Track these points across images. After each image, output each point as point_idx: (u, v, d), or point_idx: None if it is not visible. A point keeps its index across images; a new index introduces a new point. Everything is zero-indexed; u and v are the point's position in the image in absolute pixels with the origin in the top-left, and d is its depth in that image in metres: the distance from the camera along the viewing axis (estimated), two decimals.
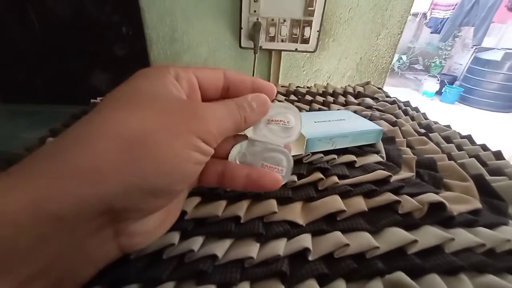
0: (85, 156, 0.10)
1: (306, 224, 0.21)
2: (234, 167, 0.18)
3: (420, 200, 0.23)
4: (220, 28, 0.70)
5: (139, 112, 0.12)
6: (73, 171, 0.10)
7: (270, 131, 0.18)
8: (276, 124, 0.18)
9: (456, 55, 3.86)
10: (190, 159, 0.13)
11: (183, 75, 0.15)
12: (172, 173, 0.12)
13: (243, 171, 0.17)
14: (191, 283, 0.17)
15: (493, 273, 0.18)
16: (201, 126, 0.13)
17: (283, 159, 0.18)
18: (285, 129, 0.18)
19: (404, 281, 0.17)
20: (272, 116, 0.18)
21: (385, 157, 0.31)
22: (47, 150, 0.11)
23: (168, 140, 0.12)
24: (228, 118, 0.15)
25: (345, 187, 0.25)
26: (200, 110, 0.14)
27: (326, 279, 0.17)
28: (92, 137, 0.11)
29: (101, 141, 0.11)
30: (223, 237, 0.20)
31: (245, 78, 0.17)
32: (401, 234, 0.20)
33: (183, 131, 0.13)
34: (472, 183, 0.27)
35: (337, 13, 0.68)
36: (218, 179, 0.18)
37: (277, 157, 0.18)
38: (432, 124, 0.44)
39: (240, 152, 0.18)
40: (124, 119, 0.12)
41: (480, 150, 0.35)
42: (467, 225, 0.22)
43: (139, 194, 0.12)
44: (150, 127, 0.12)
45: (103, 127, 0.11)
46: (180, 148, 0.12)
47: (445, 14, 3.41)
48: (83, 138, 0.11)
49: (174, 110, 0.13)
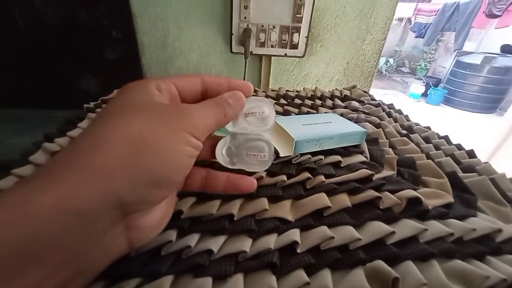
0: (99, 158, 0.12)
1: (295, 220, 0.23)
2: (216, 172, 0.21)
3: (399, 196, 0.25)
4: (212, 34, 0.72)
5: (137, 118, 0.14)
6: (91, 173, 0.12)
7: (249, 123, 0.20)
8: (253, 116, 0.20)
9: (440, 59, 4.02)
10: (185, 152, 0.15)
11: (163, 86, 0.17)
12: (170, 165, 0.14)
13: (223, 175, 0.21)
14: (189, 276, 0.19)
15: (461, 259, 0.20)
16: (190, 123, 0.15)
17: (265, 146, 0.20)
18: (261, 120, 0.20)
19: (382, 268, 0.19)
20: (248, 109, 0.20)
21: (369, 157, 0.33)
22: (65, 155, 0.13)
23: (164, 137, 0.14)
24: (210, 115, 0.17)
25: (331, 185, 0.27)
26: (187, 110, 0.16)
27: (313, 269, 0.19)
28: (103, 142, 0.13)
29: (110, 145, 0.13)
30: (218, 234, 0.21)
31: (221, 81, 0.19)
32: (381, 226, 0.22)
33: (176, 129, 0.15)
34: (446, 180, 0.29)
35: (324, 20, 0.71)
36: (201, 184, 0.21)
37: (259, 145, 0.20)
38: (414, 125, 0.47)
39: (225, 146, 0.21)
40: (126, 124, 0.14)
41: (455, 150, 0.38)
42: (439, 217, 0.24)
43: (144, 186, 0.13)
44: (147, 129, 0.14)
45: (109, 133, 0.13)
46: (175, 143, 0.15)
47: (428, 19, 3.55)
48: (95, 144, 0.13)
49: (165, 113, 0.15)
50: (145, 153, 0.13)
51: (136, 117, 0.14)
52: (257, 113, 0.20)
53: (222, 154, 0.20)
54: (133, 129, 0.13)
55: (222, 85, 0.19)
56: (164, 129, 0.14)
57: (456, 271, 0.18)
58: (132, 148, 0.13)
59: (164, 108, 0.15)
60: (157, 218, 0.17)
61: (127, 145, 0.13)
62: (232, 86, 0.19)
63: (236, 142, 0.21)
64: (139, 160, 0.13)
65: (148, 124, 0.14)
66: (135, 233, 0.15)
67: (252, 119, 0.20)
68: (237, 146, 0.20)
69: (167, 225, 0.21)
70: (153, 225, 0.16)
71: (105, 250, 0.14)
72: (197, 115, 0.16)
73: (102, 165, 0.12)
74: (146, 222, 0.16)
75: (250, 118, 0.20)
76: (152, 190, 0.14)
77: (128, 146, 0.13)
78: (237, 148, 0.20)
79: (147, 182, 0.13)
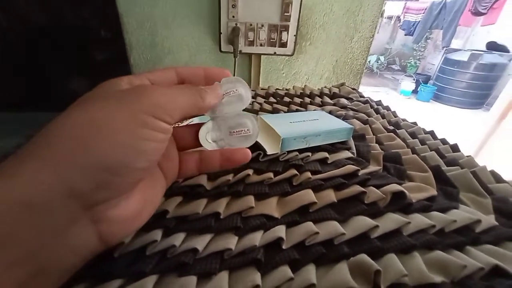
0: (48, 148, 0.12)
1: (281, 216, 0.23)
2: (208, 152, 0.20)
3: (384, 191, 0.26)
4: (200, 33, 0.71)
5: (94, 105, 0.14)
6: (40, 162, 0.11)
7: (227, 104, 0.20)
8: (228, 96, 0.20)
9: (429, 56, 4.09)
10: (143, 135, 0.14)
11: (136, 81, 0.17)
12: (126, 150, 0.13)
13: (216, 153, 0.20)
14: (174, 275, 0.18)
15: (442, 249, 0.20)
16: (150, 103, 0.14)
17: (247, 121, 0.21)
18: (238, 98, 0.20)
19: (365, 262, 0.19)
20: (224, 91, 0.20)
21: (356, 153, 0.34)
22: (23, 150, 0.12)
23: (120, 120, 0.13)
24: (181, 96, 0.16)
25: (317, 182, 0.27)
26: (147, 90, 0.15)
27: (298, 264, 0.19)
28: (54, 131, 0.12)
29: (59, 132, 0.12)
30: (204, 232, 0.21)
31: (196, 70, 0.19)
32: (365, 221, 0.22)
33: (133, 111, 0.14)
34: (430, 174, 0.30)
35: (313, 18, 0.71)
36: (197, 167, 0.20)
37: (241, 121, 0.21)
38: (401, 121, 0.48)
39: (208, 132, 0.21)
40: (80, 111, 0.13)
41: (440, 144, 0.39)
42: (423, 210, 0.25)
43: (96, 172, 0.13)
44: (102, 114, 0.13)
45: (62, 121, 0.13)
46: (130, 126, 0.13)
47: (417, 17, 3.61)
48: (48, 134, 0.12)
49: (124, 96, 0.14)
50: (95, 137, 0.12)
51: (94, 104, 0.14)
52: (231, 92, 0.20)
53: (207, 140, 0.20)
54: (85, 114, 0.13)
55: (198, 74, 0.19)
56: (121, 112, 0.13)
57: (436, 262, 0.19)
58: (82, 133, 0.12)
59: (124, 92, 0.15)
60: (132, 210, 0.16)
61: (77, 130, 0.12)
62: (209, 74, 0.19)
63: (218, 124, 0.20)
64: (87, 144, 0.12)
65: (104, 109, 0.13)
66: (106, 227, 0.14)
67: (229, 99, 0.20)
68: (220, 129, 0.20)
69: (152, 225, 0.21)
70: (128, 218, 0.15)
71: (71, 247, 0.13)
72: (161, 94, 0.15)
73: (51, 154, 0.12)
74: (117, 214, 0.15)
75: (226, 99, 0.20)
76: (108, 177, 0.13)
77: (77, 131, 0.12)
78: (220, 130, 0.20)
79: (100, 167, 0.13)
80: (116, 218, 0.14)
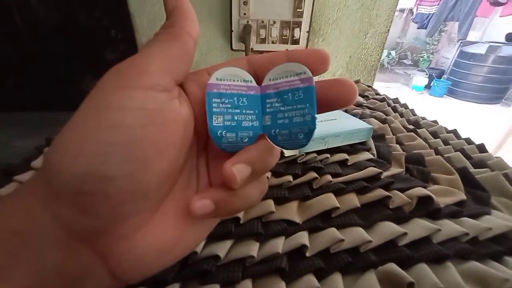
0: (39, 173, 0.10)
1: (302, 222, 0.23)
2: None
3: (409, 195, 0.25)
4: (211, 31, 0.70)
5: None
6: (27, 189, 0.10)
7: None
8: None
9: (442, 49, 3.95)
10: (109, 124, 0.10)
11: (192, 77, 0.13)
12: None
13: None
14: (195, 283, 0.18)
15: (477, 259, 0.19)
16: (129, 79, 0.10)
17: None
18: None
19: (395, 272, 0.18)
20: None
21: (376, 154, 0.33)
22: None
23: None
24: (159, 51, 0.11)
25: (338, 185, 0.26)
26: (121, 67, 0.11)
27: (323, 273, 0.19)
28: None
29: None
30: (224, 238, 0.21)
31: (276, 58, 0.13)
32: (392, 227, 0.21)
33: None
34: (457, 176, 0.28)
35: (326, 14, 0.69)
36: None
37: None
38: (420, 120, 0.46)
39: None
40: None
41: (464, 144, 0.37)
42: (452, 216, 0.23)
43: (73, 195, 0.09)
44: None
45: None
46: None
47: (431, 9, 3.48)
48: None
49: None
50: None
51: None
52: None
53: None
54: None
55: (278, 62, 0.13)
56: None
57: (473, 273, 0.18)
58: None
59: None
60: (149, 245, 0.11)
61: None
62: (293, 60, 0.13)
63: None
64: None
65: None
66: (116, 264, 0.10)
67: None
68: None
69: None
70: (142, 254, 0.11)
71: (77, 286, 0.10)
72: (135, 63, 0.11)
73: (38, 178, 0.10)
74: (126, 248, 0.11)
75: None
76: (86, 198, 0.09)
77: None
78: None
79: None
80: (125, 254, 0.11)
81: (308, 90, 0.12)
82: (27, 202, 0.10)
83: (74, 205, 0.10)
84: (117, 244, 0.10)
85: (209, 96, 0.12)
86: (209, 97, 0.12)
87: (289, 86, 0.12)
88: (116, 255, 0.10)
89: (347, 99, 0.12)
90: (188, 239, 0.12)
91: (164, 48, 0.11)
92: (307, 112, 0.12)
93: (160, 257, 0.11)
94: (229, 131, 0.12)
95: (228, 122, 0.12)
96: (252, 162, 0.11)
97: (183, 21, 0.12)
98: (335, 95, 0.12)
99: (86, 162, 0.09)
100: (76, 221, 0.10)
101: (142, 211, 0.11)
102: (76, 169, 0.09)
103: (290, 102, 0.12)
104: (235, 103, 0.12)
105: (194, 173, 0.14)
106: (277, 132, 0.12)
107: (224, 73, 0.12)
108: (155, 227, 0.11)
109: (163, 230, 0.11)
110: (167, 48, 0.11)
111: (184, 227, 0.12)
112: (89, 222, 0.10)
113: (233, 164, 0.11)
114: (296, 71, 0.12)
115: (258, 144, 0.12)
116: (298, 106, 0.12)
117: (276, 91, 0.12)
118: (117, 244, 0.10)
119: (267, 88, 0.13)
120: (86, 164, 0.09)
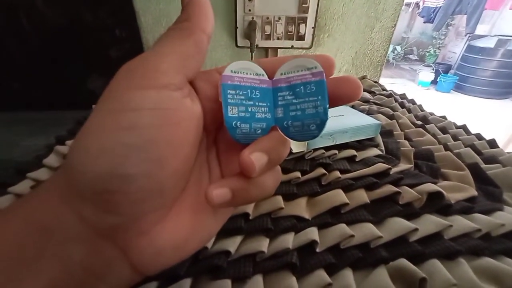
0: (59, 172, 0.11)
1: (312, 218, 0.23)
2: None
3: (419, 190, 0.24)
4: (216, 28, 0.70)
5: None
6: (50, 186, 0.11)
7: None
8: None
9: (450, 44, 3.87)
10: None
11: (204, 76, 0.13)
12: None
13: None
14: (207, 278, 0.18)
15: (489, 256, 0.19)
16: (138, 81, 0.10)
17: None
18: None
19: (407, 267, 0.18)
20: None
21: (384, 150, 0.32)
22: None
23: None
24: (169, 46, 0.11)
25: (347, 181, 0.26)
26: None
27: (334, 268, 0.19)
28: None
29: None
30: (234, 234, 0.21)
31: (281, 61, 0.13)
32: (403, 223, 0.21)
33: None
34: (468, 172, 0.28)
35: (331, 9, 0.68)
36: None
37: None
38: (428, 115, 0.45)
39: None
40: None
41: (475, 140, 0.36)
42: (464, 212, 0.23)
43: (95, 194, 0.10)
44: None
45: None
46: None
47: (438, 3, 3.41)
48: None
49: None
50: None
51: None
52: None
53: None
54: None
55: (287, 60, 0.13)
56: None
57: (486, 269, 0.18)
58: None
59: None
60: (166, 239, 0.11)
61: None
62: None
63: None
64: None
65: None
66: (136, 257, 0.11)
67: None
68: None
69: None
70: (161, 248, 0.11)
71: (101, 279, 0.11)
72: (141, 62, 0.11)
73: (61, 176, 0.11)
74: (148, 242, 0.11)
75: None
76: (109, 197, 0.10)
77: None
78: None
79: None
80: (146, 248, 0.11)
81: (319, 83, 0.12)
82: (50, 201, 0.10)
83: (97, 204, 0.10)
84: (137, 239, 0.11)
85: (224, 87, 0.12)
86: (224, 88, 0.12)
87: (301, 80, 0.12)
88: (136, 250, 0.11)
89: (352, 95, 0.13)
90: (202, 231, 0.13)
91: (176, 46, 0.11)
92: (319, 104, 0.12)
93: (177, 250, 0.12)
94: (243, 122, 0.12)
95: (242, 113, 0.12)
96: (268, 151, 0.11)
97: (198, 15, 0.12)
98: (340, 92, 0.13)
99: (108, 163, 0.10)
100: (98, 219, 0.10)
101: (159, 208, 0.11)
102: (100, 169, 0.09)
103: (302, 95, 0.12)
104: (248, 95, 0.12)
105: (205, 168, 0.14)
106: (289, 123, 0.12)
107: (238, 66, 0.12)
108: (172, 222, 0.12)
109: (179, 224, 0.12)
110: (180, 46, 0.11)
111: (198, 220, 0.13)
112: (111, 219, 0.10)
113: (251, 153, 0.11)
114: (307, 66, 0.12)
115: (271, 135, 0.12)
116: (310, 99, 0.12)
117: (288, 85, 0.13)
118: (137, 239, 0.11)
119: (278, 82, 0.13)
120: (108, 164, 0.10)
